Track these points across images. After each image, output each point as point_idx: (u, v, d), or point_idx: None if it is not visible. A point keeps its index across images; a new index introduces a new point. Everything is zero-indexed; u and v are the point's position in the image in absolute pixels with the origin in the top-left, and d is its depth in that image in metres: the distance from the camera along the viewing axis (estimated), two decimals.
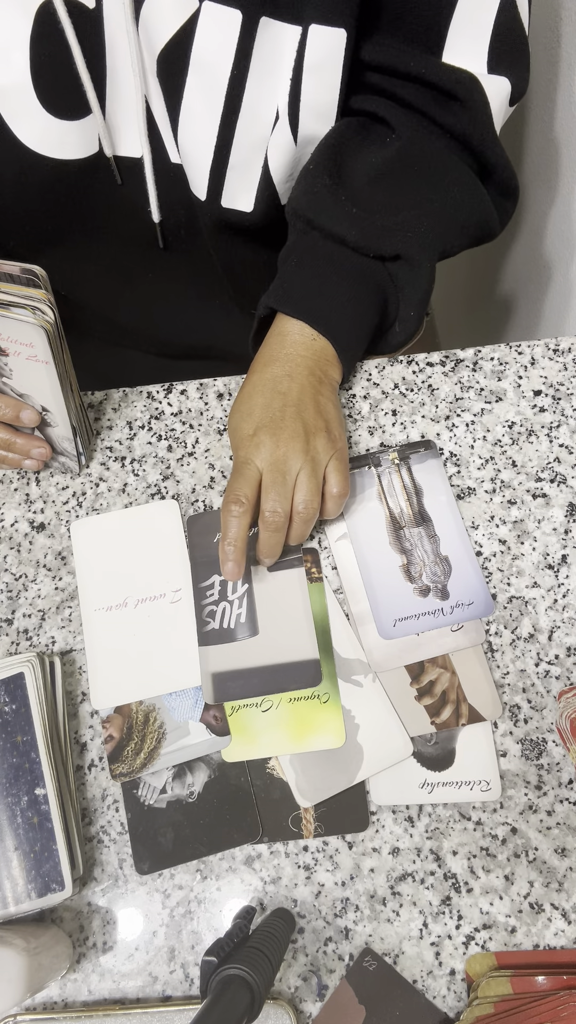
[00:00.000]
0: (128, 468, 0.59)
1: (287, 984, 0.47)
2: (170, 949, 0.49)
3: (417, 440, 0.58)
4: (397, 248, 0.54)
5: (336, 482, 0.52)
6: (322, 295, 0.54)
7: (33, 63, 0.49)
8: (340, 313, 0.54)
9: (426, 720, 0.51)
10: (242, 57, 0.49)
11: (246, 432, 0.51)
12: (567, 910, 0.48)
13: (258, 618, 0.53)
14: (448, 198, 0.55)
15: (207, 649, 0.53)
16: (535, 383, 0.59)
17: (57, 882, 0.46)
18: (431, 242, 0.55)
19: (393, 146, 0.54)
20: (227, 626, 0.53)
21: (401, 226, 0.54)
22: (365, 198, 0.54)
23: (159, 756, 0.51)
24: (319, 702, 0.52)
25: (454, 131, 0.54)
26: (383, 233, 0.54)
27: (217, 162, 0.53)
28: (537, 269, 0.90)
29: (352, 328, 0.55)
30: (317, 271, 0.55)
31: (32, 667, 0.50)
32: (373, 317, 0.56)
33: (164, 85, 0.51)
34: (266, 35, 0.49)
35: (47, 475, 0.59)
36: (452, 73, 0.52)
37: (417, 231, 0.54)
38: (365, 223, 0.53)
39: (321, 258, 0.55)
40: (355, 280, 0.54)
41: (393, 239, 0.54)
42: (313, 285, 0.54)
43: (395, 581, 0.54)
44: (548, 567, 0.54)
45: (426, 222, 0.54)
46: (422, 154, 0.55)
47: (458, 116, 0.54)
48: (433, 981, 0.47)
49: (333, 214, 0.53)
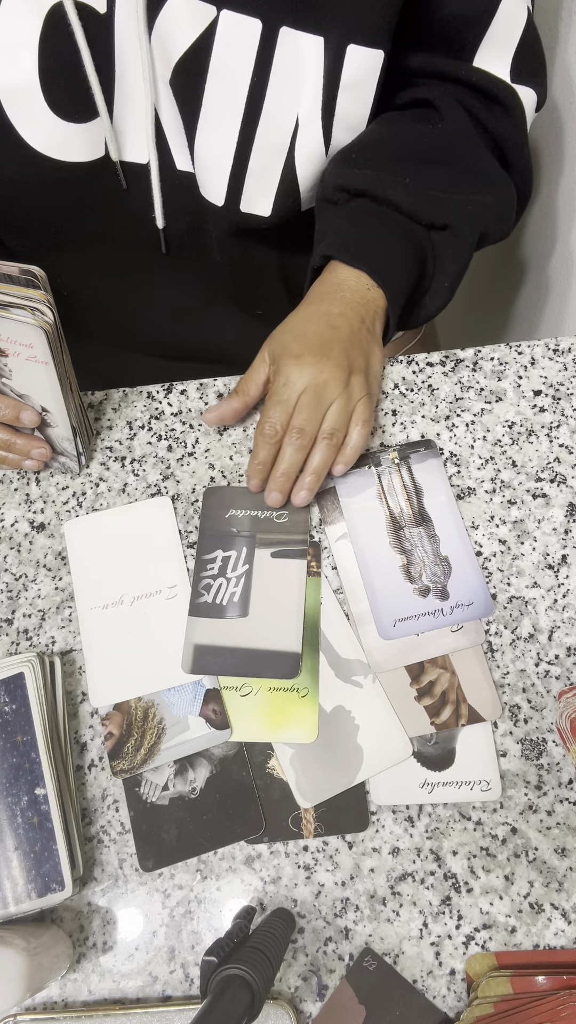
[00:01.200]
0: (128, 468, 0.59)
1: (287, 984, 0.47)
2: (170, 949, 0.49)
3: (417, 440, 0.58)
4: (447, 218, 0.55)
5: (362, 411, 0.53)
6: (378, 248, 0.55)
7: (41, 64, 0.49)
8: (394, 268, 0.55)
9: (426, 720, 0.51)
10: (263, 65, 0.49)
11: (294, 352, 0.52)
12: (567, 910, 0.48)
13: (251, 600, 0.53)
14: (490, 188, 0.57)
15: (195, 620, 0.53)
16: (535, 383, 0.59)
17: (57, 882, 0.46)
18: (476, 221, 0.57)
19: (442, 128, 0.56)
20: (219, 602, 0.54)
21: (450, 201, 0.55)
22: (415, 172, 0.55)
23: (159, 752, 0.51)
24: (297, 695, 0.52)
25: (495, 132, 0.57)
26: (435, 203, 0.55)
27: (237, 168, 0.54)
28: (537, 269, 0.90)
29: (403, 284, 0.56)
30: (372, 227, 0.55)
31: (32, 667, 0.50)
32: (415, 280, 0.57)
33: (180, 93, 0.51)
34: (286, 44, 0.49)
35: (47, 475, 0.59)
36: (495, 81, 0.55)
37: (464, 208, 0.56)
38: (417, 193, 0.55)
39: (374, 216, 0.55)
40: (405, 240, 0.55)
41: (444, 209, 0.55)
42: (370, 239, 0.55)
43: (395, 581, 0.54)
44: (548, 567, 0.54)
45: (472, 203, 0.56)
46: (469, 141, 0.57)
47: (500, 120, 0.57)
48: (433, 981, 0.47)
49: (385, 182, 0.54)
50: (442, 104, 0.56)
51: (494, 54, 0.55)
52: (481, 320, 1.18)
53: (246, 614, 0.53)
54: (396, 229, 0.55)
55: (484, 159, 0.57)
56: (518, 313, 1.01)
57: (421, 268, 0.57)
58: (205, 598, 0.54)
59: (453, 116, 0.56)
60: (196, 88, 0.50)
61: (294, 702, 0.52)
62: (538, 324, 0.94)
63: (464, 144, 0.57)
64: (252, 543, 0.55)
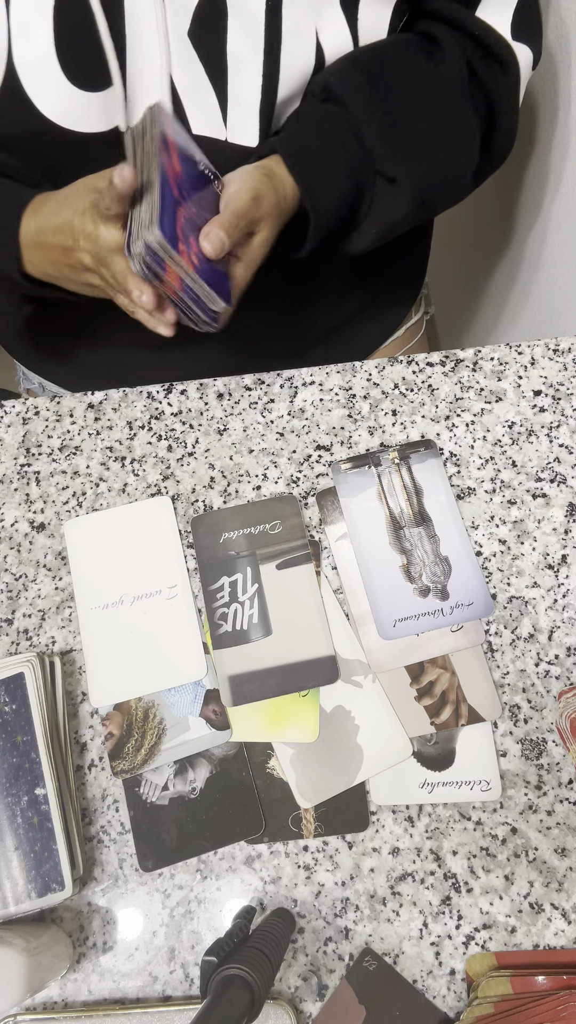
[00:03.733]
0: (128, 468, 0.59)
1: (287, 984, 0.47)
2: (170, 949, 0.49)
3: (417, 440, 0.58)
4: (398, 173, 0.55)
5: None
6: (322, 170, 0.54)
7: (57, 33, 0.48)
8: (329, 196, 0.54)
9: (426, 720, 0.51)
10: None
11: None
12: (567, 910, 0.48)
13: (271, 618, 0.53)
14: (457, 149, 0.57)
15: (222, 652, 0.53)
16: (535, 383, 0.59)
17: (57, 882, 0.46)
18: (427, 190, 0.57)
19: (437, 68, 0.56)
20: (240, 628, 0.53)
21: (411, 157, 0.55)
22: (396, 106, 0.55)
23: (160, 752, 0.51)
24: (298, 695, 0.52)
25: (489, 90, 0.57)
26: (397, 153, 0.55)
27: (266, 101, 0.54)
28: (537, 269, 0.90)
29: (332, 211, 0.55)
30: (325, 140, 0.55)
31: (32, 667, 0.50)
32: (344, 214, 0.57)
33: (203, 41, 0.51)
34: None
35: (47, 475, 0.59)
36: (499, 37, 0.56)
37: (420, 173, 0.56)
38: (387, 132, 0.54)
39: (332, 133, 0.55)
40: (348, 173, 0.55)
41: (401, 166, 0.55)
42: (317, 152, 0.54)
43: (395, 581, 0.54)
44: (548, 567, 0.54)
45: (430, 163, 0.56)
46: (458, 97, 0.56)
47: (496, 78, 0.57)
48: (433, 981, 0.47)
49: (365, 105, 0.54)
50: (447, 48, 0.56)
51: (495, 6, 0.56)
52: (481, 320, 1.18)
53: (269, 632, 0.53)
54: (347, 155, 0.55)
55: (465, 121, 0.57)
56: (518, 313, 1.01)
57: (354, 207, 0.57)
58: (225, 627, 0.53)
59: (452, 63, 0.56)
60: (218, 30, 0.50)
61: (295, 702, 0.52)
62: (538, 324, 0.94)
63: (452, 99, 0.57)
64: (255, 561, 0.55)
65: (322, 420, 0.59)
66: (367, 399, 0.60)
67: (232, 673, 0.52)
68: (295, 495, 0.57)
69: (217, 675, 0.52)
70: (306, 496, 0.57)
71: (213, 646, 0.53)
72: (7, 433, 0.60)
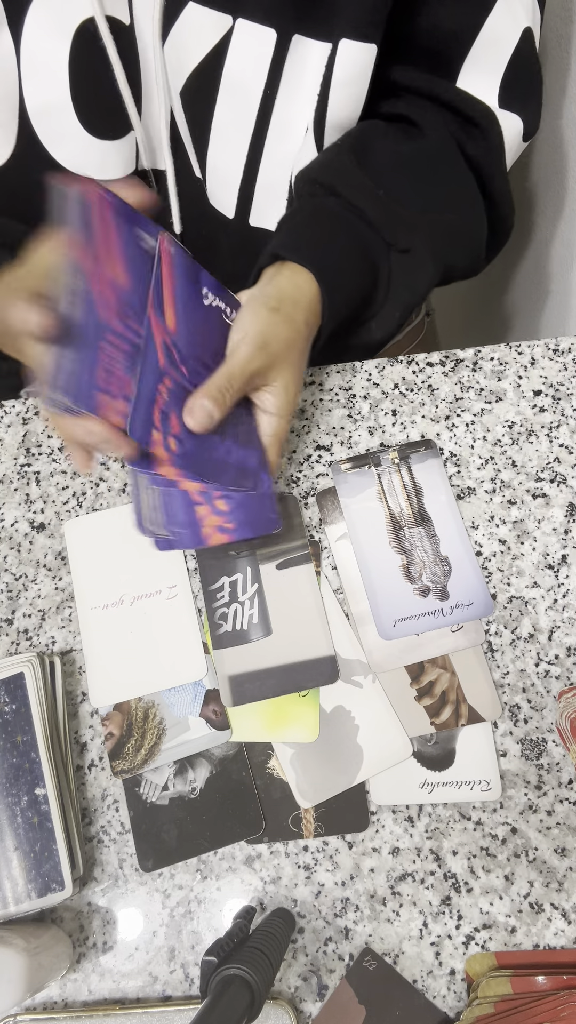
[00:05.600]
0: (128, 468, 0.59)
1: (287, 984, 0.47)
2: (170, 949, 0.49)
3: (417, 440, 0.58)
4: (412, 242, 0.53)
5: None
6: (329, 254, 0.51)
7: (73, 83, 0.48)
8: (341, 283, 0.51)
9: (426, 720, 0.51)
10: (274, 76, 0.49)
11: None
12: (567, 910, 0.48)
13: (271, 617, 0.53)
14: (464, 211, 0.55)
15: (222, 652, 0.53)
16: (535, 383, 0.59)
17: (57, 882, 0.46)
18: (443, 252, 0.54)
19: (421, 142, 0.54)
20: (240, 628, 0.53)
21: (420, 224, 0.53)
22: (389, 182, 0.52)
23: (160, 752, 0.51)
24: (298, 695, 0.52)
25: (471, 156, 0.55)
26: (403, 222, 0.52)
27: (246, 181, 0.53)
28: (537, 269, 0.90)
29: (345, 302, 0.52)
30: (327, 228, 0.52)
31: (32, 667, 0.50)
32: (359, 300, 0.54)
33: (191, 105, 0.50)
34: (297, 52, 0.48)
35: (47, 475, 0.59)
36: (475, 102, 0.53)
37: (433, 236, 0.53)
38: (389, 206, 0.52)
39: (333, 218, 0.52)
40: (361, 255, 0.52)
41: (411, 232, 0.53)
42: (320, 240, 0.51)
43: (395, 581, 0.54)
44: (548, 567, 0.54)
45: (442, 232, 0.54)
46: (447, 158, 0.54)
47: (477, 143, 0.54)
48: (433, 981, 0.47)
49: (358, 187, 0.51)
50: (424, 122, 0.54)
51: (479, 75, 0.52)
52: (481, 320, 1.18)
53: (269, 632, 0.53)
54: (354, 240, 0.52)
55: (463, 181, 0.55)
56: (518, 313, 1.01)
57: (371, 289, 0.54)
58: (225, 628, 0.53)
59: (435, 135, 0.54)
60: (207, 100, 0.50)
61: (295, 702, 0.52)
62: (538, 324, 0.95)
63: (444, 165, 0.54)
64: (254, 561, 0.55)
65: (322, 420, 0.59)
66: (367, 399, 0.60)
67: (232, 673, 0.52)
68: (295, 495, 0.57)
69: (217, 675, 0.52)
70: (306, 496, 0.57)
71: (213, 646, 0.53)
72: (7, 433, 0.60)
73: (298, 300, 0.48)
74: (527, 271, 0.93)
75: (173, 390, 0.42)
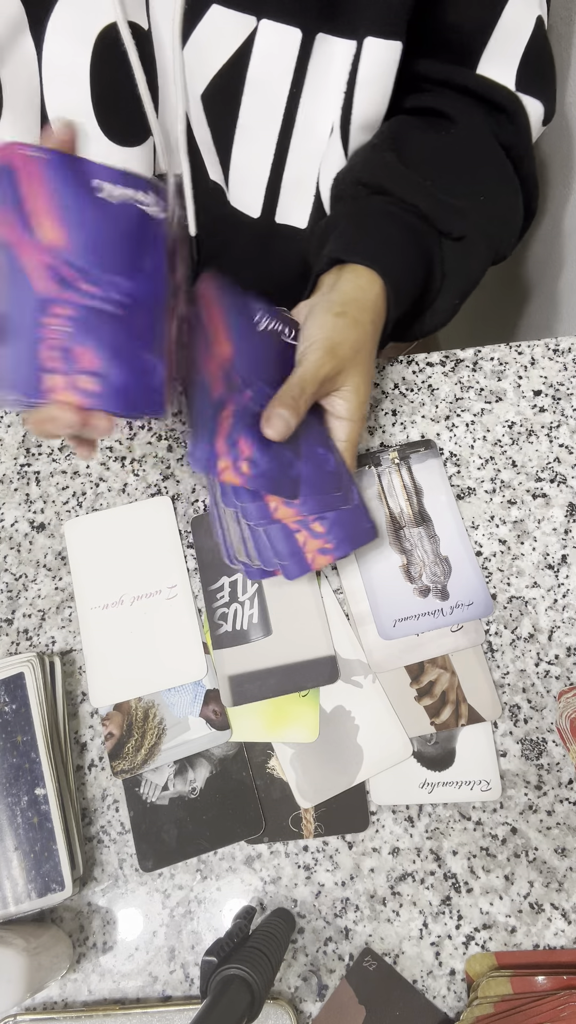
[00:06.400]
0: (128, 468, 0.59)
1: (287, 984, 0.47)
2: (170, 949, 0.49)
3: (417, 440, 0.58)
4: (465, 229, 0.53)
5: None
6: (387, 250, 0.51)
7: (94, 89, 0.48)
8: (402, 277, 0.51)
9: (426, 721, 0.51)
10: (299, 75, 0.49)
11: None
12: (567, 910, 0.48)
13: (271, 618, 0.53)
14: (505, 196, 0.55)
15: (221, 652, 0.53)
16: (535, 383, 0.59)
17: (57, 882, 0.46)
18: (493, 237, 0.55)
19: (455, 132, 0.54)
20: (240, 628, 0.53)
21: (469, 211, 0.53)
22: (433, 174, 0.53)
23: (160, 752, 0.51)
24: (299, 695, 0.52)
25: (501, 141, 0.55)
26: (454, 210, 0.52)
27: (272, 179, 0.53)
28: (537, 269, 0.90)
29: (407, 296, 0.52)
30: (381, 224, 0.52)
31: (32, 667, 0.50)
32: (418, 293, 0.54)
33: (213, 108, 0.50)
34: (321, 51, 0.48)
35: (47, 475, 0.59)
36: (500, 88, 0.53)
37: (482, 221, 0.53)
38: (438, 197, 0.52)
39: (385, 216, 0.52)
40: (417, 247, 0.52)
41: (463, 219, 0.53)
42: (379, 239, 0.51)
43: (395, 581, 0.54)
44: (548, 567, 0.54)
45: (490, 216, 0.54)
46: (483, 145, 0.55)
47: (504, 127, 0.55)
48: (433, 981, 0.47)
49: (406, 182, 0.51)
50: (455, 112, 0.54)
51: (498, 63, 0.54)
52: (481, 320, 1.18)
53: (269, 632, 0.53)
54: (409, 235, 0.52)
55: (501, 166, 0.55)
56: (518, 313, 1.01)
57: (426, 282, 0.54)
58: (225, 628, 0.53)
59: (467, 122, 0.54)
60: (232, 103, 0.50)
61: (295, 702, 0.52)
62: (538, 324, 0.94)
63: (481, 151, 0.55)
64: None
65: None
66: None
67: (232, 673, 0.52)
68: None
69: (217, 675, 0.52)
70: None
71: (213, 646, 0.53)
72: (7, 433, 0.60)
73: (362, 302, 0.48)
74: (527, 271, 0.93)
75: (239, 414, 0.42)
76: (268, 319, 0.46)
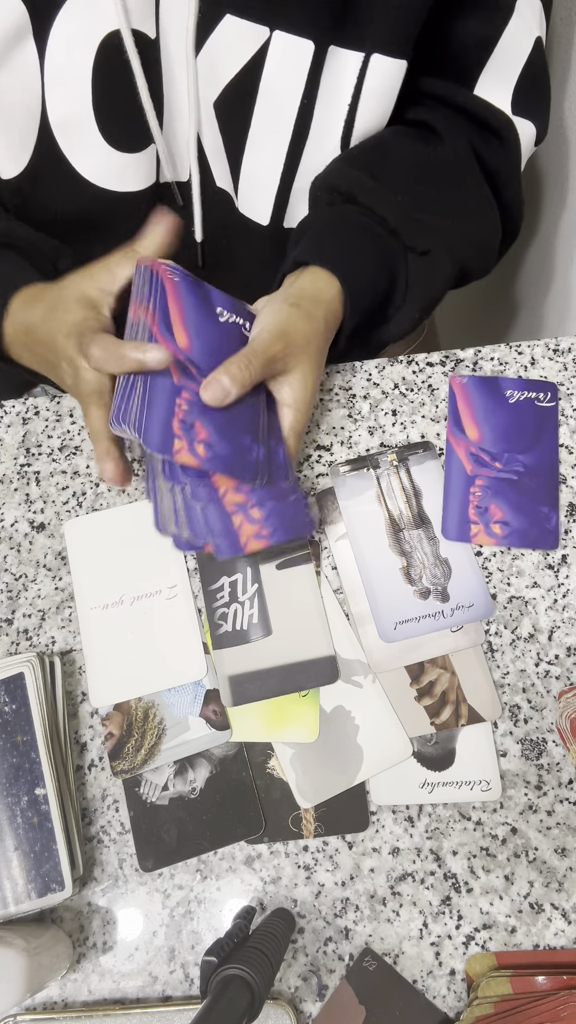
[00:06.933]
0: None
1: (287, 984, 0.47)
2: (170, 949, 0.49)
3: (416, 442, 0.58)
4: (430, 244, 0.54)
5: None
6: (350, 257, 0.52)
7: (95, 96, 0.48)
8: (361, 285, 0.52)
9: (426, 721, 0.51)
10: (312, 86, 0.49)
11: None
12: (567, 910, 0.48)
13: (271, 618, 0.53)
14: (479, 218, 0.56)
15: (221, 652, 0.53)
16: None
17: (57, 882, 0.46)
18: (459, 254, 0.56)
19: (438, 148, 0.55)
20: (239, 628, 0.53)
21: (437, 228, 0.54)
22: (406, 188, 0.54)
23: (160, 752, 0.51)
24: (298, 695, 0.52)
25: (488, 164, 0.56)
26: (421, 226, 0.54)
27: (283, 187, 0.54)
28: (537, 269, 0.90)
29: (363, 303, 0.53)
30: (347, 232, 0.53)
31: (32, 667, 0.50)
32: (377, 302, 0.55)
33: (225, 116, 0.51)
34: (333, 62, 0.49)
35: (47, 475, 0.59)
36: (495, 111, 0.54)
37: (450, 238, 0.55)
38: (406, 211, 0.53)
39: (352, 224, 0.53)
40: (381, 258, 0.53)
41: (429, 235, 0.54)
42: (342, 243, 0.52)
43: (395, 584, 0.54)
44: (548, 567, 0.54)
45: (458, 234, 0.55)
46: (463, 165, 0.56)
47: (495, 151, 0.56)
48: (433, 981, 0.47)
49: (376, 193, 0.53)
50: (443, 129, 0.55)
51: (496, 83, 0.54)
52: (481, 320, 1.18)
53: (269, 632, 0.53)
54: (374, 245, 0.53)
55: (478, 188, 0.56)
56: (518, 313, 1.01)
57: (389, 293, 0.55)
58: (225, 628, 0.53)
59: (453, 142, 0.55)
60: (244, 111, 0.50)
61: (295, 702, 0.52)
62: (538, 324, 0.95)
63: (460, 172, 0.56)
64: (255, 561, 0.55)
65: (322, 420, 0.59)
66: (367, 399, 0.60)
67: (232, 673, 0.52)
68: None
69: (217, 675, 0.52)
70: (306, 496, 0.57)
71: (213, 646, 0.53)
72: (7, 433, 0.60)
73: (318, 298, 0.49)
74: (527, 271, 0.93)
75: (194, 401, 0.43)
76: (229, 312, 0.48)
